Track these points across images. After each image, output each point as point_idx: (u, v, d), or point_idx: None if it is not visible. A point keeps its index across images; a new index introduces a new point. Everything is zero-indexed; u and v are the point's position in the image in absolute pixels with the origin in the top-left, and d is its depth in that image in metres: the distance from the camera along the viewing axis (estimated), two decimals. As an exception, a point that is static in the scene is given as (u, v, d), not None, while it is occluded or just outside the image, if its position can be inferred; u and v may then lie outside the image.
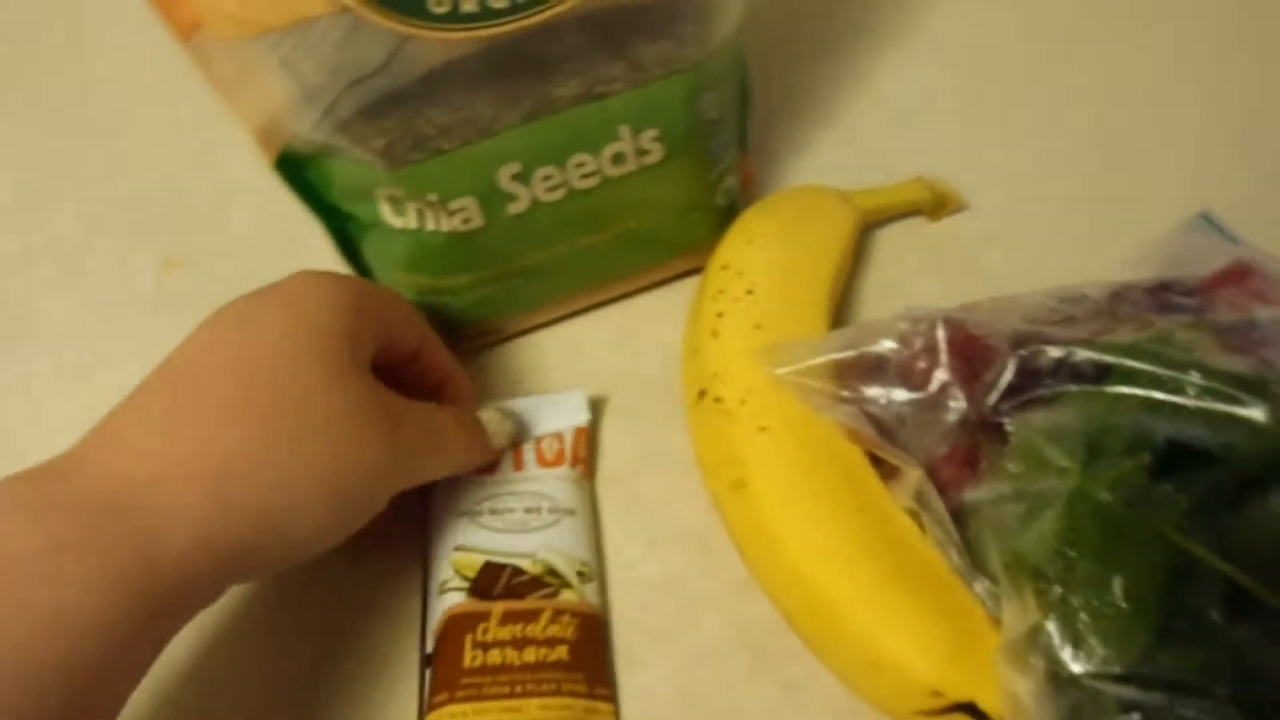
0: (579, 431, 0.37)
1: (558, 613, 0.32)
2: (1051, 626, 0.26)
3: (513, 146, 0.34)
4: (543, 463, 0.36)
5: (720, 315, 0.36)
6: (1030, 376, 0.31)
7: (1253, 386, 0.28)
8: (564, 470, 0.36)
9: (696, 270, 0.40)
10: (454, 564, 0.33)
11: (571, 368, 0.40)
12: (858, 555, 0.30)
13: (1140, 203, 0.42)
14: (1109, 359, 0.30)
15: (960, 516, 0.31)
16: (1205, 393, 0.29)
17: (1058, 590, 0.27)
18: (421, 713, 0.32)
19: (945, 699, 0.28)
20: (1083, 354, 0.31)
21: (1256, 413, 0.28)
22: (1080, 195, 0.43)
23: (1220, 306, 0.33)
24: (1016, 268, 0.40)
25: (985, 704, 0.28)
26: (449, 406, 0.34)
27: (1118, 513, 0.27)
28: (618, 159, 0.36)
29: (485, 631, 0.32)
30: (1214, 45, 0.47)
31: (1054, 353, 0.31)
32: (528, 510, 0.35)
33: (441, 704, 0.31)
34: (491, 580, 0.33)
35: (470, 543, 0.34)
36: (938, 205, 0.42)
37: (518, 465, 0.36)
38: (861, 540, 0.30)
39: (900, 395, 0.32)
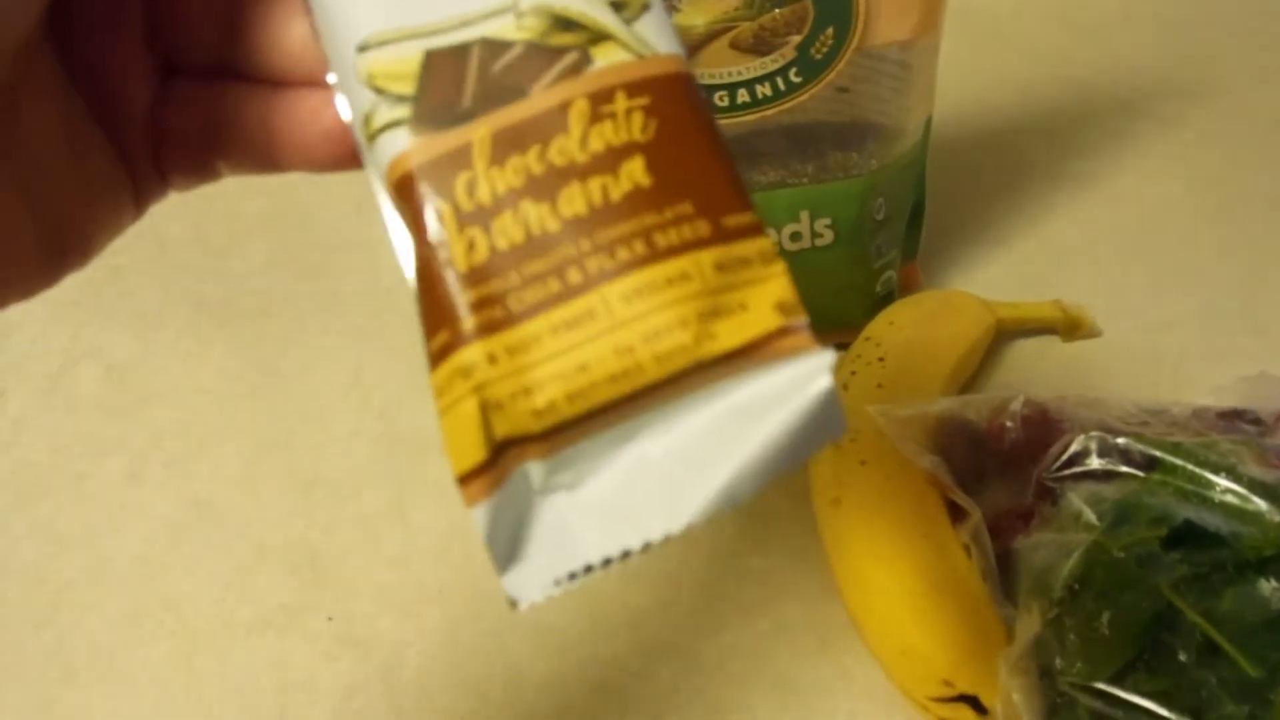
0: None
1: (602, 96, 0.18)
2: (1046, 639, 0.32)
3: (713, 213, 0.44)
4: None
5: (853, 374, 0.44)
6: (1088, 456, 0.37)
7: (1269, 492, 0.34)
8: None
9: (848, 344, 0.48)
10: (366, 79, 0.18)
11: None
12: (908, 568, 0.37)
13: (1257, 357, 0.46)
14: (1157, 453, 0.36)
15: (1008, 559, 0.37)
16: (1228, 492, 0.34)
17: (1056, 611, 0.33)
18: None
19: (954, 689, 0.35)
20: (1137, 446, 0.37)
21: (1267, 511, 0.33)
22: (1205, 341, 0.48)
23: (1278, 435, 0.38)
24: (1127, 392, 0.46)
25: (986, 700, 0.34)
26: None
27: (1125, 567, 0.33)
28: (795, 237, 0.45)
29: (473, 187, 0.18)
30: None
31: (1112, 440, 0.37)
32: None
33: (445, 351, 0.17)
34: (450, 83, 0.18)
35: (382, 26, 0.18)
36: (1071, 327, 0.48)
37: None
38: (916, 557, 0.37)
39: (979, 454, 0.39)
